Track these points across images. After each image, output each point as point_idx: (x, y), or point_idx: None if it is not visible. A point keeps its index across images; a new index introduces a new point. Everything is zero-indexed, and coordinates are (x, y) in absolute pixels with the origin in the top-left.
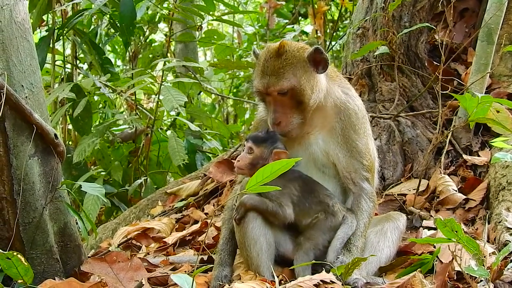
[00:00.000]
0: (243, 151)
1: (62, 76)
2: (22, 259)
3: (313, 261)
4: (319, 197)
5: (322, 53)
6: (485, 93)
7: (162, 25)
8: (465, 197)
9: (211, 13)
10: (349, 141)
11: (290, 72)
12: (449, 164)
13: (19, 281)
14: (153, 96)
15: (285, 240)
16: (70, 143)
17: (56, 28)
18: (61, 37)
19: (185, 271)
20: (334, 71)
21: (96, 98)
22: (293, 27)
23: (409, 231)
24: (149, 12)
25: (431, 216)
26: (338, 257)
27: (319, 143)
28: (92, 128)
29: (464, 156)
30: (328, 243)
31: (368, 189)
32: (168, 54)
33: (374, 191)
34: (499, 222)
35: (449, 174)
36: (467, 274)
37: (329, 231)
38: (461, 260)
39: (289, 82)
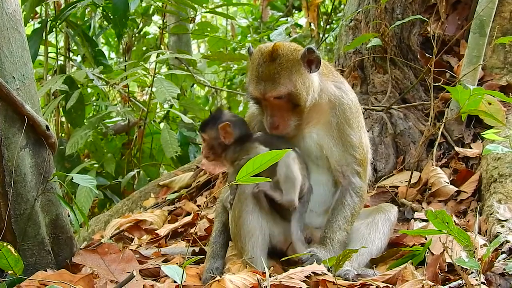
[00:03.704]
0: None
1: (55, 68)
2: (12, 250)
3: (304, 252)
4: None
5: (314, 52)
6: (477, 85)
7: (156, 18)
8: (457, 189)
9: (204, 5)
10: (344, 135)
11: (286, 77)
12: (441, 156)
13: (9, 272)
14: (147, 88)
15: (279, 233)
16: (63, 135)
17: (49, 20)
18: (54, 29)
19: (177, 263)
20: (326, 66)
21: (89, 90)
22: (286, 19)
23: (401, 223)
24: (143, 4)
25: (422, 208)
26: (310, 249)
27: (313, 136)
28: (85, 120)
29: (456, 148)
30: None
31: (356, 183)
32: (162, 46)
33: (365, 186)
34: (491, 214)
35: (441, 166)
36: (458, 266)
37: None
38: (452, 252)
39: (285, 87)
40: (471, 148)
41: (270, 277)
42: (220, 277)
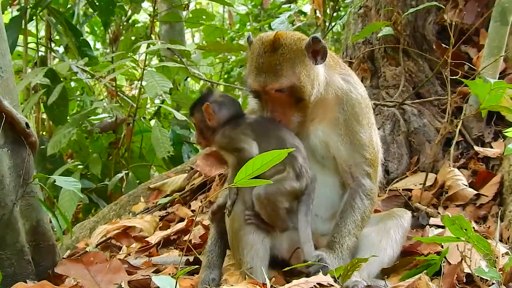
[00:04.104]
0: None
1: (36, 60)
2: None
3: (309, 262)
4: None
5: (320, 42)
6: (498, 79)
7: (146, 4)
8: (476, 192)
9: None
10: (352, 133)
11: (288, 68)
12: (459, 156)
13: None
14: (136, 82)
15: (281, 241)
16: (44, 133)
17: (29, 7)
18: (34, 17)
19: (169, 274)
20: (332, 57)
21: (72, 84)
22: (289, 6)
23: (415, 230)
24: None
25: (438, 213)
26: (318, 252)
27: (319, 134)
28: (68, 117)
29: (476, 148)
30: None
31: (367, 185)
32: (152, 36)
33: (375, 188)
34: None
35: (458, 167)
36: (477, 276)
37: (289, 195)
38: (471, 261)
39: (288, 79)
40: (491, 147)
41: None
42: None
